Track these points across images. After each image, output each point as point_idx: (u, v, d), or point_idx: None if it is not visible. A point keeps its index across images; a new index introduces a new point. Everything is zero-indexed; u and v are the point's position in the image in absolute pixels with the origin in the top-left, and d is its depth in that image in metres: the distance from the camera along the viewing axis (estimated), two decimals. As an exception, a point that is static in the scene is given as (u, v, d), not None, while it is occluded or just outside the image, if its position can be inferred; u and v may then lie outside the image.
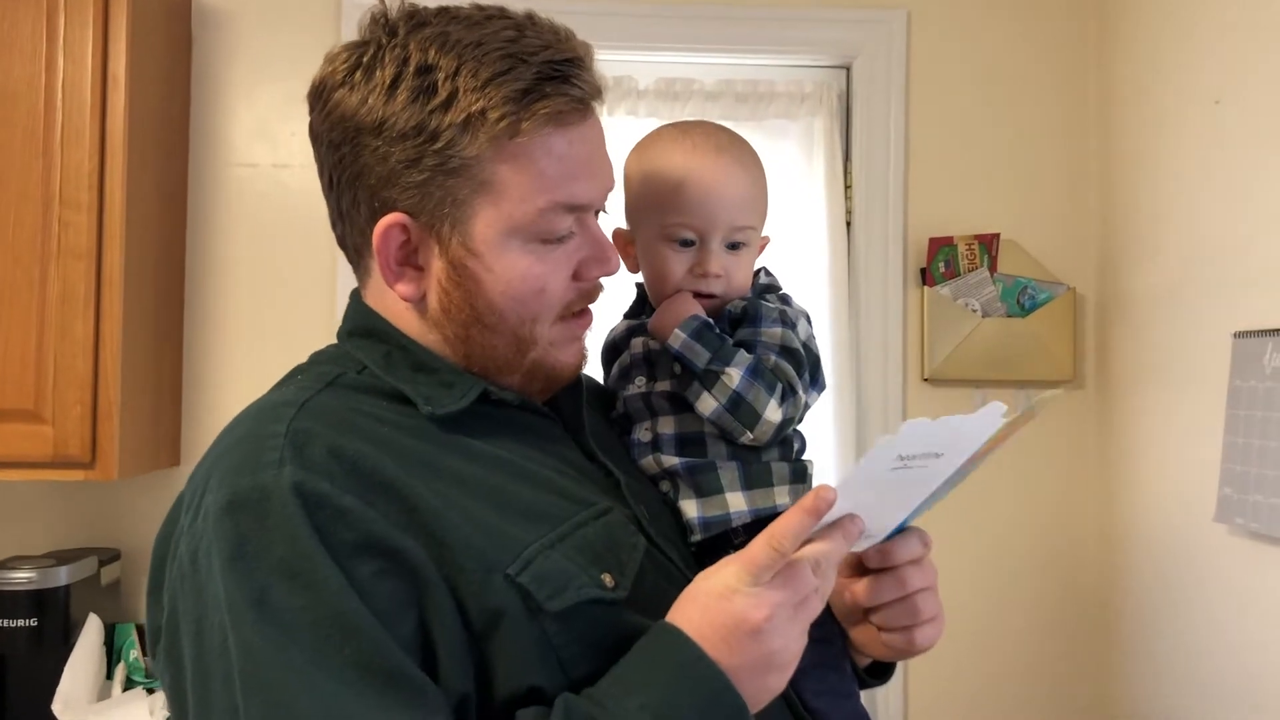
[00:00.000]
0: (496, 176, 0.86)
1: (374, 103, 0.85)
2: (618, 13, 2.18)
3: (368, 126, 0.85)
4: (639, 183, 1.05)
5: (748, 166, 1.05)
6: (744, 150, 1.06)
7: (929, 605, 0.94)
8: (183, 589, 0.79)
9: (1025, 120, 2.22)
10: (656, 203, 1.03)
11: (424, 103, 0.84)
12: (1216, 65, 1.78)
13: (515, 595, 0.80)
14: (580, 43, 0.90)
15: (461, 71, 0.84)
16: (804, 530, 0.77)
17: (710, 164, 1.02)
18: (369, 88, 0.85)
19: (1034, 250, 2.19)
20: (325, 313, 2.12)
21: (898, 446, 0.78)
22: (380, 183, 0.87)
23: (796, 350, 1.00)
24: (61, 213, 1.78)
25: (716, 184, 1.01)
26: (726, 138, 1.06)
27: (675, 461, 1.00)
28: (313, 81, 0.91)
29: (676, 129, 1.07)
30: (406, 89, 0.84)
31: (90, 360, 1.79)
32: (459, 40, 0.85)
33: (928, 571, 0.94)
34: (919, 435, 0.78)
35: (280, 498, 0.76)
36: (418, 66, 0.84)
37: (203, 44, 2.15)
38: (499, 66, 0.84)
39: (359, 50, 0.88)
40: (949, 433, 0.79)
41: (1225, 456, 1.69)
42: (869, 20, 2.20)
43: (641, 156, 1.06)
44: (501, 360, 0.92)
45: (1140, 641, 2.01)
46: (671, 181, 1.02)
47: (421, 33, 0.86)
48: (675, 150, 1.04)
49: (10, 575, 1.85)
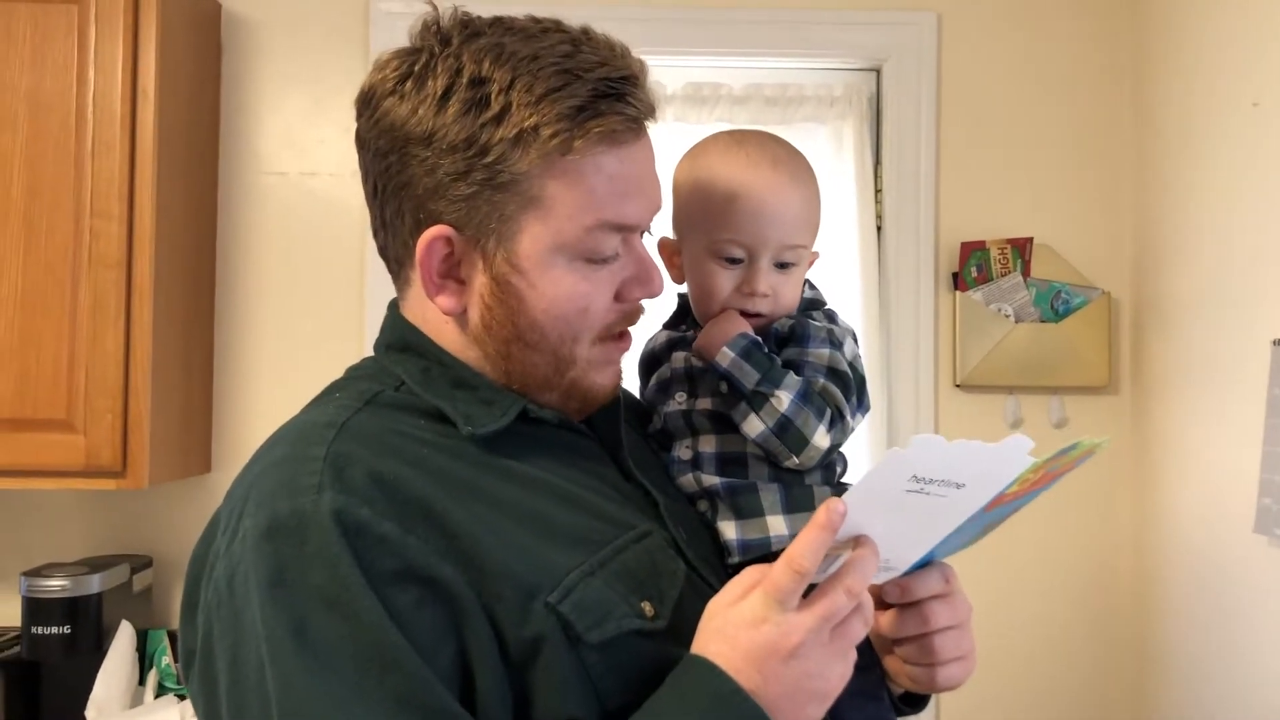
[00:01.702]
0: (545, 193, 0.84)
1: (424, 113, 0.84)
2: (644, 17, 2.16)
3: (417, 137, 0.84)
4: (689, 193, 1.03)
5: (802, 182, 1.02)
6: (799, 164, 1.03)
7: (953, 644, 0.91)
8: (219, 613, 0.78)
9: (1058, 122, 2.19)
10: (706, 216, 1.00)
11: (476, 115, 0.83)
12: (1254, 67, 1.75)
13: (555, 624, 0.79)
14: (635, 60, 0.88)
15: (515, 85, 0.82)
16: (821, 547, 0.75)
17: (765, 180, 0.99)
18: (420, 98, 0.84)
19: (1068, 254, 2.16)
20: (354, 320, 2.13)
21: (909, 462, 0.75)
22: (427, 194, 0.85)
23: (845, 373, 0.99)
24: (92, 223, 1.79)
25: (770, 201, 0.99)
26: (783, 151, 1.02)
27: (716, 481, 0.99)
28: (361, 87, 0.90)
29: (731, 139, 1.03)
30: (458, 101, 0.83)
31: (121, 370, 1.80)
32: (514, 53, 0.83)
33: (957, 609, 0.91)
34: (931, 453, 0.75)
35: (320, 524, 0.75)
36: (471, 78, 0.83)
37: (232, 53, 2.15)
38: (554, 82, 0.82)
39: (410, 58, 0.86)
40: (967, 459, 0.76)
41: (1265, 466, 1.66)
42: (899, 22, 2.18)
43: (693, 165, 1.03)
44: (541, 378, 0.90)
45: (1179, 656, 1.98)
46: (723, 195, 0.99)
47: (476, 43, 0.84)
48: (729, 162, 1.01)
49: (44, 583, 1.86)
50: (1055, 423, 2.16)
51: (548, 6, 2.15)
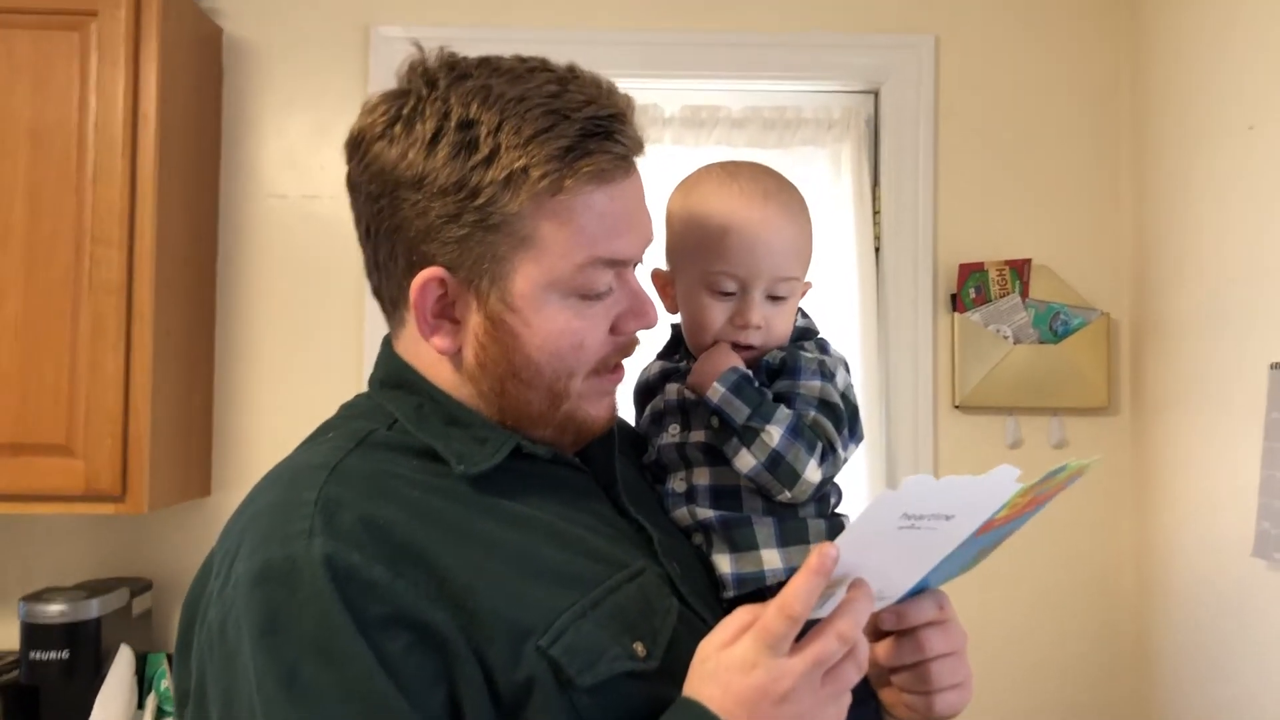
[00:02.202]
0: (537, 233, 0.85)
1: (414, 157, 0.84)
2: (643, 40, 2.17)
3: (407, 180, 0.84)
4: (682, 225, 1.03)
5: (794, 215, 1.02)
6: (791, 196, 1.03)
7: (949, 671, 0.91)
8: (211, 657, 0.78)
9: (1056, 144, 2.19)
10: (699, 248, 1.01)
11: (465, 158, 0.83)
12: (1250, 91, 1.75)
13: (546, 667, 0.79)
14: (622, 96, 0.88)
15: (504, 128, 0.83)
16: (813, 592, 0.75)
17: (757, 213, 0.99)
18: (409, 141, 0.84)
19: (1066, 275, 2.17)
20: (354, 343, 2.13)
21: (901, 504, 0.75)
22: (419, 236, 0.86)
23: (836, 405, 0.99)
24: (93, 249, 1.80)
25: (762, 234, 0.99)
26: (774, 183, 1.03)
27: (710, 515, 0.99)
28: (351, 131, 0.90)
29: (724, 171, 1.04)
30: (447, 144, 0.83)
31: (121, 395, 1.80)
32: (501, 95, 0.84)
33: (952, 636, 0.91)
34: (923, 493, 0.75)
35: (311, 570, 0.76)
36: (459, 121, 0.83)
37: (233, 76, 2.16)
38: (542, 123, 0.83)
39: (398, 101, 0.86)
40: (957, 493, 0.77)
41: (1263, 490, 1.66)
42: (897, 45, 2.19)
43: (686, 197, 1.04)
44: (535, 413, 0.91)
45: (1179, 678, 1.97)
46: (715, 228, 1.00)
47: (463, 85, 0.85)
48: (721, 195, 1.01)
49: (43, 608, 1.86)
50: (1055, 443, 2.16)
51: (547, 32, 2.18)
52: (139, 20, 1.82)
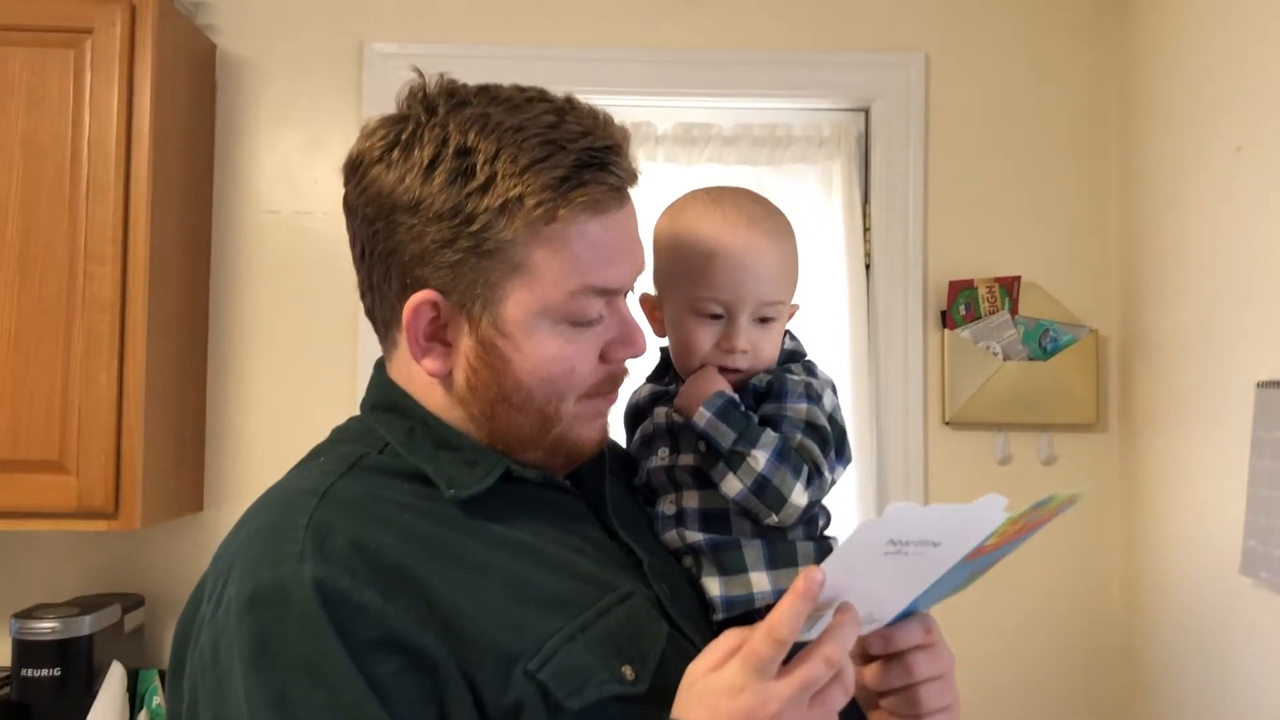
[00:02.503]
0: (530, 260, 0.86)
1: (411, 182, 0.85)
2: (635, 59, 2.19)
3: (403, 205, 0.86)
4: (668, 251, 1.05)
5: (779, 239, 1.04)
6: (776, 221, 1.05)
7: (937, 695, 0.91)
8: (203, 681, 0.79)
9: (1046, 162, 2.21)
10: (685, 274, 1.02)
11: (461, 185, 0.84)
12: (1238, 114, 1.77)
13: (535, 691, 0.80)
14: (618, 128, 0.90)
15: (501, 156, 0.84)
16: (800, 615, 0.75)
17: (741, 238, 1.01)
18: (406, 166, 0.86)
19: (1056, 292, 2.18)
20: (348, 358, 2.14)
21: (885, 530, 0.76)
22: (413, 260, 0.87)
23: (822, 427, 1.00)
24: (87, 266, 1.80)
25: (747, 259, 1.01)
26: (759, 209, 1.05)
27: (699, 538, 1.00)
28: (349, 155, 0.92)
29: (709, 197, 1.05)
30: (444, 170, 0.85)
31: (114, 412, 1.80)
32: (499, 123, 0.85)
33: (939, 660, 0.92)
34: (907, 520, 0.76)
35: (301, 594, 0.77)
36: (457, 148, 0.85)
37: (226, 92, 2.17)
38: (538, 153, 0.84)
39: (397, 126, 0.88)
40: (943, 521, 0.77)
41: (1250, 508, 1.67)
42: (887, 63, 2.20)
43: (672, 223, 1.05)
44: (525, 437, 0.92)
45: (1167, 695, 1.98)
46: (701, 253, 1.01)
47: (462, 113, 0.86)
48: (706, 221, 1.03)
49: (34, 625, 1.86)
50: (1044, 460, 2.17)
51: (541, 50, 2.19)
52: (133, 37, 1.83)
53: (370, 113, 2.14)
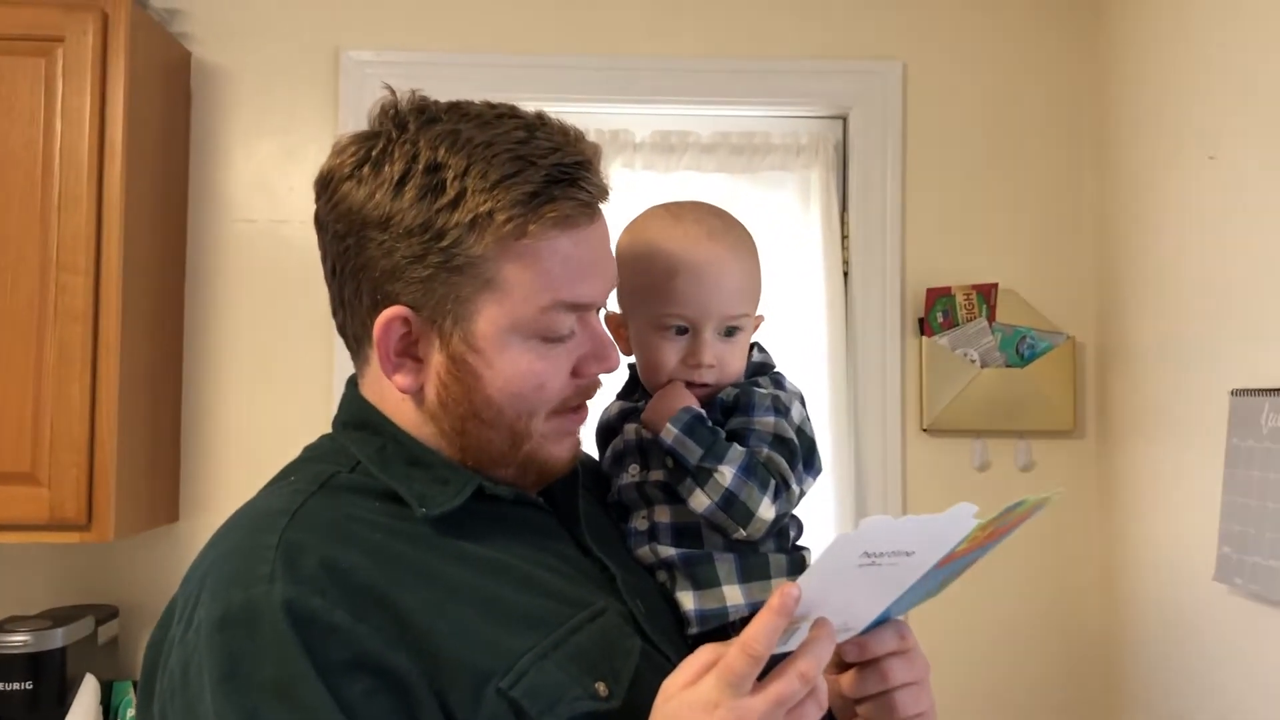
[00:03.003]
0: (501, 275, 0.86)
1: (381, 198, 0.86)
2: (613, 66, 2.18)
3: (374, 220, 0.86)
4: (631, 268, 1.04)
5: (740, 253, 1.04)
6: (738, 235, 1.05)
7: (912, 701, 0.91)
8: (173, 704, 0.79)
9: (1022, 170, 2.22)
10: (649, 291, 1.02)
11: (431, 201, 0.84)
12: (1211, 122, 1.78)
13: (507, 709, 0.80)
14: (590, 144, 0.90)
15: (470, 172, 0.84)
16: (775, 631, 0.75)
17: (703, 254, 1.01)
18: (377, 182, 0.86)
19: (1033, 300, 2.19)
20: (323, 368, 2.12)
21: (860, 543, 0.77)
22: (384, 276, 0.87)
23: (790, 440, 1.00)
24: (59, 277, 1.78)
25: (709, 274, 1.01)
26: (719, 223, 1.05)
27: (672, 553, 1.00)
28: (320, 171, 0.92)
29: (668, 213, 1.06)
30: (414, 186, 0.85)
31: (86, 423, 1.79)
32: (469, 139, 0.85)
33: (915, 666, 0.92)
34: (881, 533, 0.77)
35: (271, 616, 0.76)
36: (427, 164, 0.85)
37: (201, 100, 2.16)
38: (508, 169, 0.84)
39: (368, 143, 0.88)
40: (915, 531, 0.78)
41: (1224, 515, 1.68)
42: (865, 71, 2.21)
43: (633, 241, 1.05)
44: (496, 453, 0.91)
45: (1144, 701, 1.99)
46: (663, 270, 1.01)
47: (432, 130, 0.86)
48: (667, 237, 1.03)
49: (6, 638, 1.84)
50: (1022, 466, 2.18)
51: (517, 58, 2.18)
52: (106, 46, 1.81)
53: (346, 120, 2.14)
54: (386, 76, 2.10)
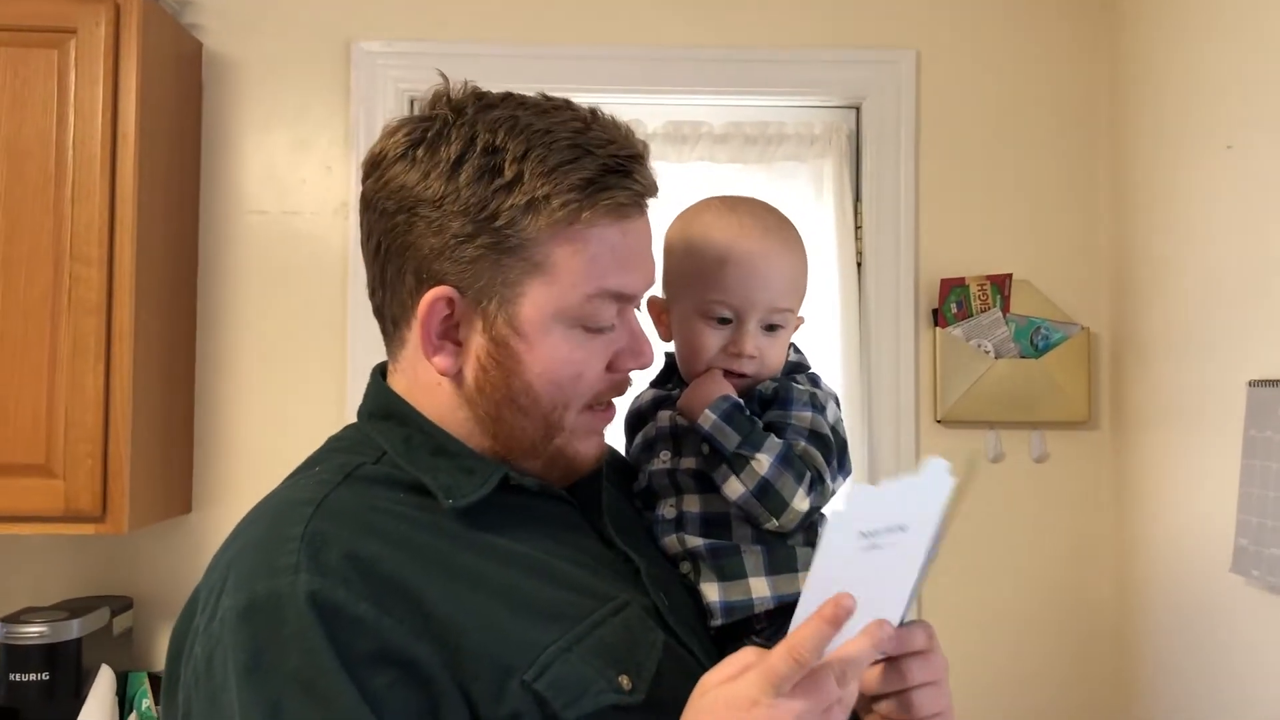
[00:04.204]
0: (550, 259, 0.87)
1: (435, 177, 0.87)
2: (625, 56, 2.17)
3: (427, 199, 0.87)
4: (681, 254, 1.05)
5: (792, 250, 1.05)
6: (790, 233, 1.06)
7: (931, 700, 0.91)
8: (197, 693, 0.79)
9: (1037, 160, 2.21)
10: (697, 277, 1.03)
11: (488, 182, 0.86)
12: (1229, 111, 1.77)
13: (532, 702, 0.80)
14: (640, 141, 0.91)
15: (530, 156, 0.85)
16: (825, 640, 0.76)
17: (756, 245, 1.02)
18: (432, 163, 0.87)
19: (1047, 290, 2.18)
20: (336, 359, 2.12)
21: (850, 519, 0.77)
22: (432, 255, 0.88)
23: (826, 436, 1.00)
24: (72, 268, 1.78)
25: (760, 266, 1.02)
26: (774, 219, 1.06)
27: (699, 543, 0.99)
28: (370, 152, 0.93)
29: (724, 204, 1.07)
30: (471, 167, 0.86)
31: (101, 415, 1.79)
32: (528, 125, 0.87)
33: (934, 666, 0.92)
34: (870, 503, 0.77)
35: (296, 607, 0.76)
36: (485, 146, 0.86)
37: (213, 92, 2.15)
38: (566, 155, 0.86)
39: (422, 125, 0.89)
40: (900, 498, 0.78)
41: (1241, 507, 1.67)
42: (878, 60, 2.19)
43: (686, 227, 1.06)
44: (528, 443, 0.92)
45: (1156, 694, 1.99)
46: (714, 258, 1.02)
47: (490, 114, 0.88)
48: (722, 226, 1.04)
49: (22, 629, 1.84)
50: (1036, 457, 2.17)
51: (530, 48, 2.17)
52: (118, 37, 1.81)
53: (358, 111, 2.13)
54: (397, 68, 2.13)
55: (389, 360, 0.97)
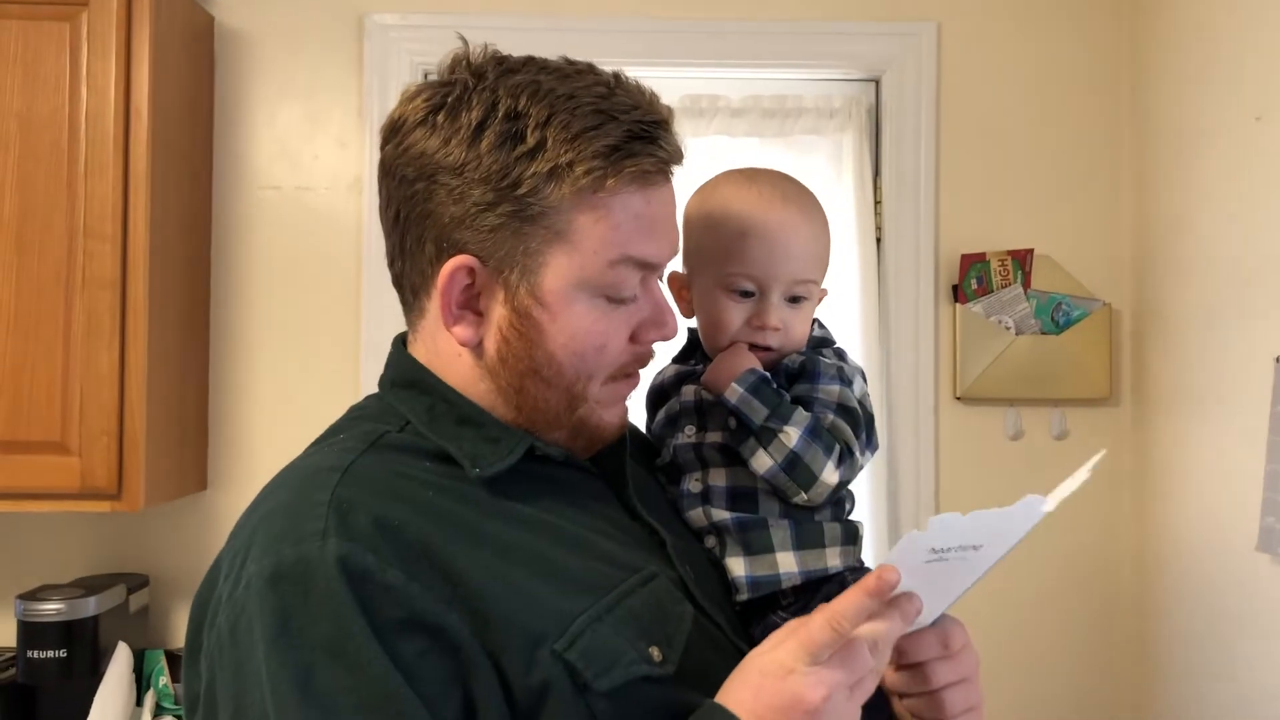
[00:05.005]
0: (573, 227, 0.85)
1: (456, 144, 0.85)
2: (642, 29, 2.15)
3: (448, 166, 0.85)
4: (701, 228, 1.03)
5: (813, 220, 1.03)
6: (810, 202, 1.04)
7: (960, 698, 0.90)
8: (221, 661, 0.77)
9: (1059, 133, 2.18)
10: (718, 250, 1.01)
11: (510, 149, 0.84)
12: (1259, 82, 1.74)
13: (562, 671, 0.78)
14: (665, 106, 0.89)
15: (553, 122, 0.83)
16: (865, 611, 0.76)
17: (776, 216, 1.00)
18: (453, 129, 0.85)
19: (1069, 266, 2.15)
20: (350, 334, 2.11)
21: (929, 541, 0.76)
22: (453, 223, 0.86)
23: (854, 409, 0.98)
24: (86, 243, 1.77)
25: (781, 236, 1.00)
26: (794, 188, 1.04)
27: (726, 516, 0.98)
28: (389, 117, 0.90)
29: (743, 175, 1.04)
30: (493, 133, 0.84)
31: (116, 391, 1.78)
32: (551, 90, 0.84)
33: (962, 664, 0.90)
34: (950, 530, 0.76)
35: (325, 572, 0.75)
36: (507, 112, 0.84)
37: (225, 66, 2.13)
38: (590, 121, 0.83)
39: (442, 90, 0.87)
40: (984, 526, 0.77)
41: (1268, 485, 1.65)
42: (898, 33, 2.16)
43: (705, 201, 1.04)
44: (551, 414, 0.90)
45: (1178, 673, 1.97)
46: (735, 230, 1.00)
47: (512, 79, 0.86)
48: (741, 198, 1.02)
49: (39, 606, 1.84)
50: (1056, 435, 2.15)
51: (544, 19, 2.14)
52: (130, 10, 1.79)
53: (371, 85, 2.11)
54: (411, 40, 2.10)
55: (409, 331, 0.95)
